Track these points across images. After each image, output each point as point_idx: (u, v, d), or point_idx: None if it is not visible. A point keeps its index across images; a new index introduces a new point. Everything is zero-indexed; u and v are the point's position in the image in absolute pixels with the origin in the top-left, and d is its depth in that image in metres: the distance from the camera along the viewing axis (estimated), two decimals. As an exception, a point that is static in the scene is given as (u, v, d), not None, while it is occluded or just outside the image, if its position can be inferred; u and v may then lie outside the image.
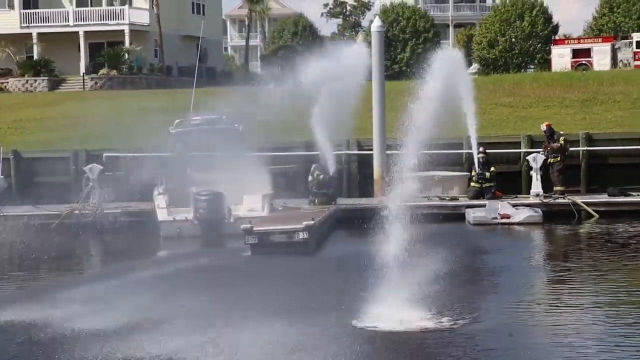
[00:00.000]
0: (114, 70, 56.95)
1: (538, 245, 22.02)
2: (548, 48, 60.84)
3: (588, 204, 25.18)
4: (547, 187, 26.08)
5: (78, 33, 59.25)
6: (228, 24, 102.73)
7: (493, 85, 39.56)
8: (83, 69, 58.28)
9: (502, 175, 26.90)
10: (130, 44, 58.83)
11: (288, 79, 23.94)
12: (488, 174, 26.21)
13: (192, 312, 13.70)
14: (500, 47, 62.98)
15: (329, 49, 26.89)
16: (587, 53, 56.75)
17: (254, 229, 19.78)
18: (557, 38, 64.06)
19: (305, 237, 19.83)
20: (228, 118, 25.49)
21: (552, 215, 24.53)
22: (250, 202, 23.37)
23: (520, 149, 28.05)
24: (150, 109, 32.43)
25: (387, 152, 25.74)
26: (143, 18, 60.82)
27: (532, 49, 62.91)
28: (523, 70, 61.15)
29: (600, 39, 58.62)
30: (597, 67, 54.70)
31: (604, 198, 25.88)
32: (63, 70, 57.76)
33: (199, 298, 14.82)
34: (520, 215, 24.08)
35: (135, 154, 27.83)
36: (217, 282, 16.57)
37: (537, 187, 25.97)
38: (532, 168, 26.24)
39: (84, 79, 56.19)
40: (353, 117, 24.63)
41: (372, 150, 27.03)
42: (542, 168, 26.10)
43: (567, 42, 61.17)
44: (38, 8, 60.98)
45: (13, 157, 28.86)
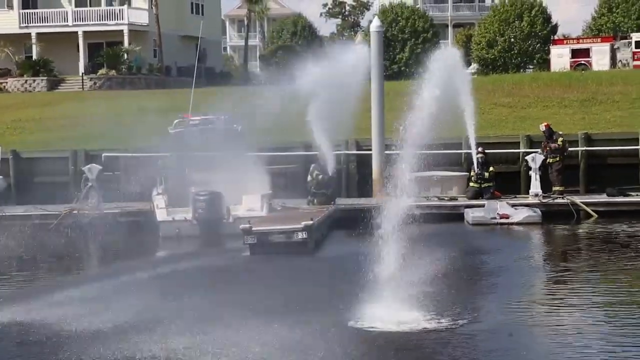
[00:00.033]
0: (113, 71, 56.93)
1: (537, 245, 22.02)
2: (547, 48, 60.86)
3: (587, 204, 25.18)
4: (546, 187, 26.08)
5: (77, 33, 59.22)
6: (227, 24, 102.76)
7: (492, 86, 39.57)
8: (82, 69, 58.24)
9: (501, 176, 26.90)
10: (129, 44, 58.81)
11: (287, 80, 23.94)
12: (487, 174, 26.21)
13: (189, 312, 13.67)
14: (499, 47, 62.99)
15: (329, 51, 26.80)
16: (586, 53, 56.77)
17: (253, 229, 19.78)
18: (556, 38, 64.06)
19: (304, 237, 19.83)
20: (227, 118, 25.49)
21: (551, 215, 24.54)
22: (249, 202, 23.37)
23: (519, 149, 28.06)
24: (149, 109, 32.42)
25: (385, 152, 25.73)
26: (142, 18, 60.81)
27: (531, 49, 62.91)
28: (522, 71, 61.16)
29: (599, 39, 58.64)
30: (596, 67, 54.73)
31: (603, 198, 25.89)
32: (62, 71, 57.74)
33: (197, 298, 14.81)
34: (519, 215, 24.09)
35: (134, 154, 27.84)
36: (215, 282, 16.55)
37: (536, 187, 25.98)
38: (531, 168, 26.25)
39: (83, 79, 56.17)
40: (352, 117, 24.61)
41: (371, 150, 27.03)
42: (541, 168, 26.12)
43: (566, 42, 61.18)
44: (37, 8, 60.94)
45: (12, 157, 28.87)
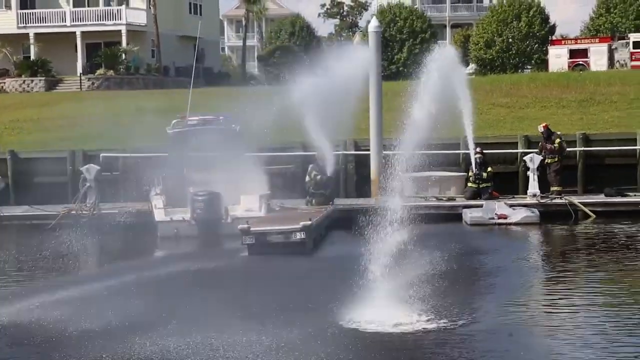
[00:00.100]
0: (111, 71, 56.93)
1: (535, 246, 22.02)
2: (545, 48, 60.93)
3: (585, 204, 25.19)
4: (544, 187, 26.10)
5: (75, 33, 59.22)
6: (225, 24, 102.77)
7: (490, 86, 39.57)
8: (80, 69, 58.25)
9: (499, 176, 26.90)
10: (128, 44, 58.82)
11: (287, 80, 23.94)
12: (485, 175, 26.21)
13: (187, 313, 13.67)
14: (497, 47, 63.08)
15: (330, 53, 26.72)
16: (584, 53, 56.85)
17: (251, 229, 19.78)
18: (554, 38, 64.16)
19: (303, 237, 19.83)
20: (225, 118, 25.48)
21: (549, 216, 24.55)
22: (248, 202, 23.36)
23: (517, 150, 28.07)
24: (148, 109, 32.40)
25: (384, 152, 25.73)
26: (140, 18, 60.81)
27: (529, 50, 63.01)
28: (520, 71, 61.24)
29: (597, 40, 58.72)
30: (594, 67, 54.80)
31: (601, 198, 25.90)
32: (60, 71, 57.74)
33: (194, 299, 14.81)
34: (517, 216, 24.10)
35: (133, 154, 27.84)
36: (213, 282, 16.55)
37: (534, 187, 25.99)
38: (529, 168, 26.27)
39: (81, 79, 56.17)
40: (351, 117, 24.59)
41: (369, 151, 27.02)
42: (539, 168, 26.13)
43: (564, 42, 61.26)
44: (35, 8, 60.95)
45: (10, 157, 28.84)
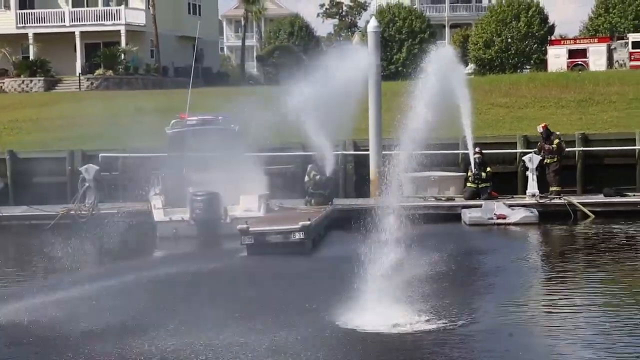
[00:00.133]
0: (110, 71, 56.92)
1: (534, 246, 22.02)
2: (544, 48, 60.94)
3: (584, 205, 25.20)
4: (543, 187, 26.10)
5: (74, 33, 59.20)
6: (224, 24, 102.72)
7: (489, 86, 39.59)
8: (79, 70, 58.23)
9: (498, 176, 26.90)
10: (127, 45, 58.81)
11: (287, 81, 23.92)
12: (484, 175, 26.22)
13: (185, 313, 13.65)
14: (496, 47, 63.09)
15: (330, 54, 26.61)
16: (583, 53, 56.88)
17: (250, 230, 19.78)
18: (553, 38, 64.17)
19: (302, 237, 19.83)
20: (224, 118, 25.47)
21: (548, 216, 24.55)
22: (247, 202, 23.36)
23: (516, 150, 28.06)
24: (146, 110, 32.41)
25: (383, 152, 25.72)
26: (139, 18, 60.80)
27: (528, 50, 63.01)
28: (519, 71, 61.25)
29: (596, 40, 58.76)
30: (593, 67, 54.82)
31: (600, 198, 25.91)
32: (59, 71, 57.72)
33: (192, 299, 14.81)
34: (516, 216, 24.10)
35: (132, 154, 27.84)
36: (212, 283, 16.55)
37: (533, 187, 26.00)
38: (528, 168, 26.27)
39: (80, 80, 56.16)
40: (350, 118, 24.58)
41: (368, 151, 27.02)
42: (538, 168, 26.14)
43: (563, 42, 61.29)
44: (34, 8, 60.94)
45: (9, 157, 28.82)
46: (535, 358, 11.40)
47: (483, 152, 26.62)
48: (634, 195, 26.15)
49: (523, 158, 26.74)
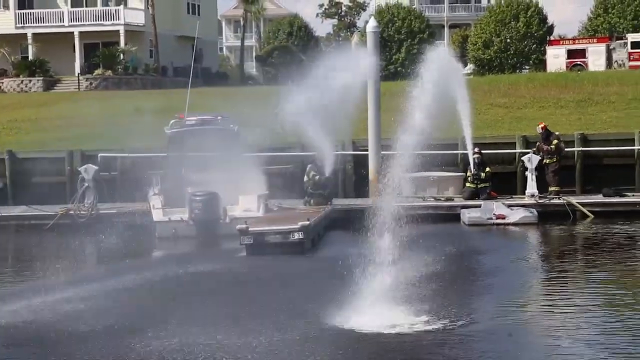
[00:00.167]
0: (109, 71, 56.93)
1: (533, 246, 22.02)
2: (543, 49, 60.98)
3: (583, 205, 25.20)
4: (542, 187, 26.10)
5: (73, 33, 59.21)
6: (223, 25, 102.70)
7: (488, 86, 39.59)
8: (78, 69, 58.23)
9: (497, 176, 26.90)
10: (126, 45, 58.82)
11: (287, 81, 23.91)
12: (483, 175, 26.22)
13: (183, 314, 13.64)
14: (496, 47, 63.12)
15: (330, 58, 26.51)
16: (582, 54, 56.90)
17: (250, 230, 19.78)
18: (552, 39, 64.21)
19: (301, 237, 19.84)
20: (223, 118, 25.47)
21: (547, 216, 24.55)
22: (246, 202, 23.35)
23: (516, 150, 28.06)
24: (146, 110, 32.38)
25: (382, 152, 25.72)
26: (138, 18, 60.81)
27: (527, 50, 63.06)
28: (518, 71, 61.29)
29: (595, 40, 58.79)
30: (592, 67, 54.85)
31: (599, 198, 25.91)
32: (58, 71, 57.72)
33: (190, 300, 14.82)
34: (516, 216, 24.09)
35: (131, 154, 27.83)
36: (210, 283, 16.54)
37: (532, 187, 26.00)
38: (527, 168, 26.27)
39: (79, 79, 56.15)
40: (350, 119, 24.55)
41: (367, 151, 27.02)
42: (537, 168, 26.14)
43: (562, 42, 61.31)
44: (33, 8, 60.95)
45: (8, 157, 28.80)
46: (535, 358, 11.40)
47: (482, 152, 26.62)
48: (633, 196, 26.16)
49: (522, 158, 26.75)
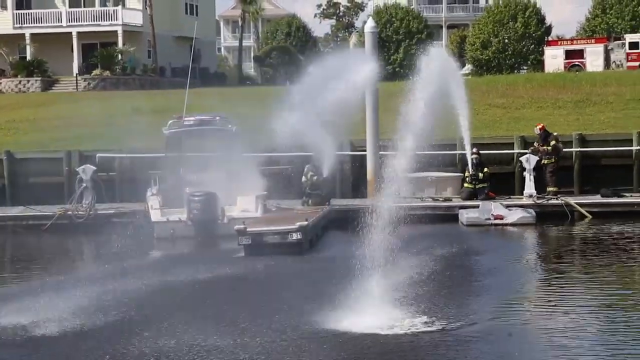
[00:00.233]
0: (107, 71, 56.88)
1: (531, 246, 22.03)
2: (541, 49, 60.99)
3: (581, 205, 25.21)
4: (540, 188, 26.11)
5: (71, 34, 59.16)
6: (221, 25, 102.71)
7: (486, 86, 39.61)
8: (76, 70, 58.18)
9: (495, 176, 26.91)
10: (124, 45, 58.76)
11: (286, 82, 23.88)
12: (481, 175, 26.23)
13: (181, 314, 13.64)
14: (494, 48, 63.12)
15: (330, 62, 26.45)
16: (580, 54, 56.91)
17: (248, 230, 19.78)
18: (550, 39, 64.23)
19: (299, 237, 19.84)
20: (222, 119, 25.46)
21: (545, 216, 24.56)
22: (244, 203, 23.34)
23: (514, 150, 28.07)
24: (144, 110, 32.38)
25: (380, 152, 25.72)
26: (136, 19, 60.76)
27: (525, 50, 63.07)
28: (516, 71, 61.30)
29: (593, 40, 58.81)
30: (590, 68, 54.86)
31: (597, 199, 25.92)
32: (56, 71, 57.66)
33: (189, 300, 14.81)
34: (514, 216, 24.10)
35: (129, 155, 27.82)
36: (208, 284, 16.53)
37: (530, 188, 26.01)
38: (525, 169, 26.29)
39: (77, 80, 56.10)
40: (350, 122, 24.56)
41: (365, 151, 27.02)
42: (535, 169, 26.14)
43: (560, 43, 61.33)
44: (31, 9, 60.89)
45: (6, 157, 28.79)
46: (535, 358, 11.40)
47: (480, 152, 26.63)
48: (631, 196, 26.18)
49: (520, 159, 26.76)
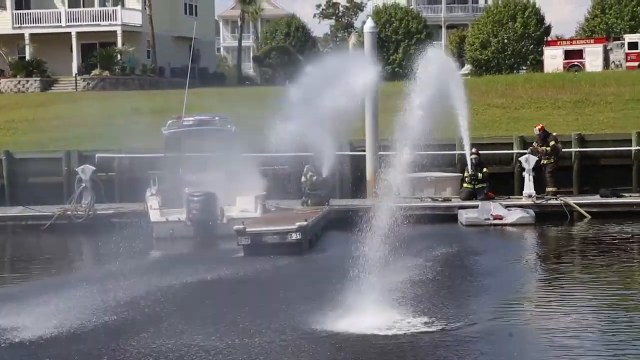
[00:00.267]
0: (106, 71, 56.85)
1: (530, 246, 22.04)
2: (540, 49, 60.99)
3: (580, 205, 25.22)
4: (539, 188, 26.12)
5: (70, 34, 59.13)
6: (221, 25, 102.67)
7: (485, 87, 39.62)
8: (75, 70, 58.15)
9: (494, 176, 26.93)
10: (123, 45, 58.73)
11: (285, 82, 23.86)
12: (481, 175, 26.24)
13: (181, 314, 13.65)
14: (493, 48, 63.09)
15: (331, 64, 26.40)
16: (579, 54, 56.92)
17: (247, 230, 19.78)
18: (549, 39, 64.22)
19: (298, 238, 19.84)
20: (221, 119, 25.45)
21: (544, 216, 24.57)
22: (243, 203, 23.34)
23: (513, 150, 28.08)
24: (143, 110, 32.38)
25: (379, 153, 25.72)
26: (135, 19, 60.73)
27: (524, 50, 63.05)
28: (515, 72, 61.28)
29: (593, 40, 58.82)
30: (589, 68, 54.87)
31: (596, 199, 25.93)
32: (55, 71, 57.62)
33: (190, 301, 14.81)
34: (513, 216, 24.11)
35: (128, 155, 27.81)
36: (207, 284, 16.53)
37: (529, 188, 26.01)
38: (524, 169, 26.29)
39: (76, 80, 56.07)
40: (349, 123, 24.54)
41: (364, 152, 27.02)
42: (534, 169, 26.15)
43: (559, 43, 61.33)
44: (30, 9, 60.85)
45: (5, 157, 28.79)
46: (535, 358, 11.40)
47: (480, 152, 26.64)
48: (630, 196, 26.19)
49: (519, 159, 26.77)
